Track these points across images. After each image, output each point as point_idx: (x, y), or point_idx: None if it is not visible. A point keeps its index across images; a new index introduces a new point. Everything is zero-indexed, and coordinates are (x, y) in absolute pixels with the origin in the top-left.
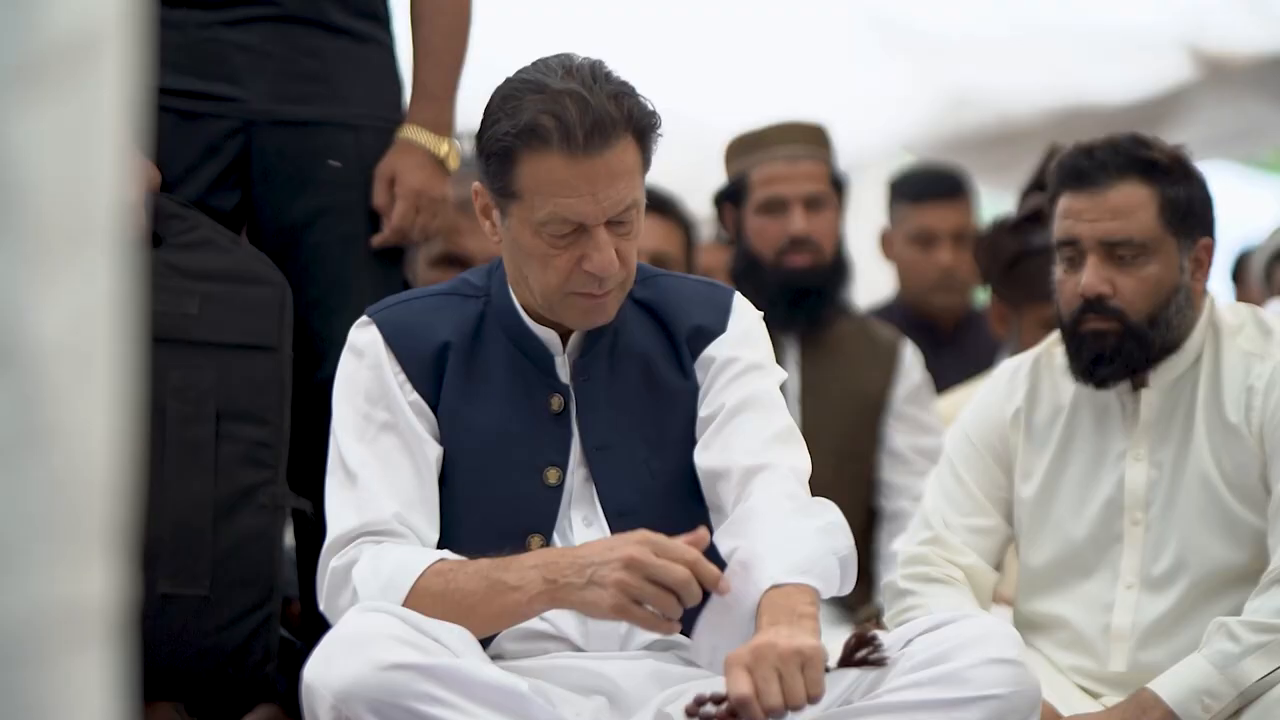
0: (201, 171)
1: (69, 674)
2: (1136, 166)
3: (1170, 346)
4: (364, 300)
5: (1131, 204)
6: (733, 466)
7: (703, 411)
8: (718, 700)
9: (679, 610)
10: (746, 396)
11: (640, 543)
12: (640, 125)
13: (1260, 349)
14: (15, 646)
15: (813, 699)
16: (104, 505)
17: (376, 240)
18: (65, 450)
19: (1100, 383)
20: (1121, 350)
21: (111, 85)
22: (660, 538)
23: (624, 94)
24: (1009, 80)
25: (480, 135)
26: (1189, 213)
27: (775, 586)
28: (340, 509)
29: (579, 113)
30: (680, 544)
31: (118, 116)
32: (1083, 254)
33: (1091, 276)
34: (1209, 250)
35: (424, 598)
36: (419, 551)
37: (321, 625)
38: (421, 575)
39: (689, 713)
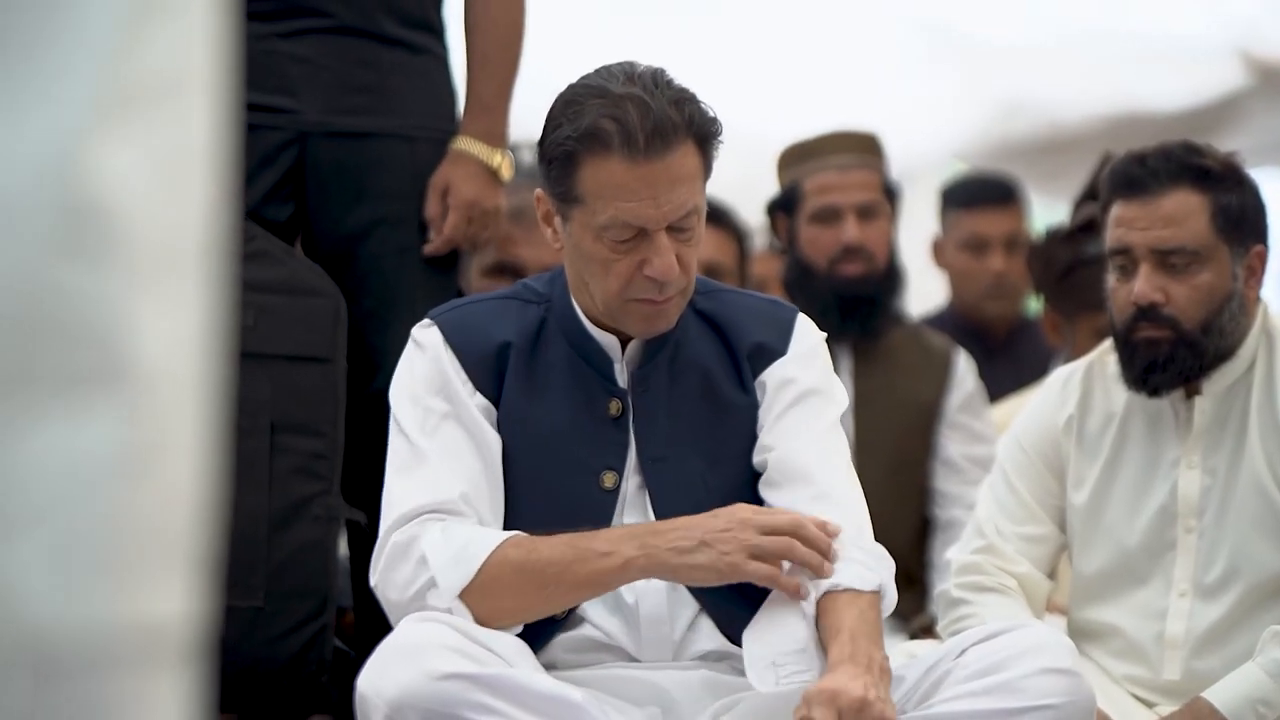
0: (256, 183)
1: (147, 690)
2: (1189, 174)
3: (1223, 354)
4: (418, 311)
5: (1184, 212)
6: None
7: (762, 437)
8: None
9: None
10: (803, 448)
11: (742, 508)
12: (701, 131)
13: None
14: (101, 656)
15: None
16: (196, 526)
17: (428, 249)
18: (168, 470)
19: (1153, 391)
20: (1174, 358)
21: (200, 119)
22: (758, 508)
23: (685, 100)
24: (1060, 88)
25: (542, 140)
26: (1242, 220)
27: (836, 590)
28: (404, 490)
29: (640, 117)
30: (780, 510)
31: (207, 148)
32: (1135, 262)
33: (1144, 285)
34: (1262, 257)
35: (502, 567)
36: (492, 529)
37: (376, 636)
38: (499, 546)
39: None
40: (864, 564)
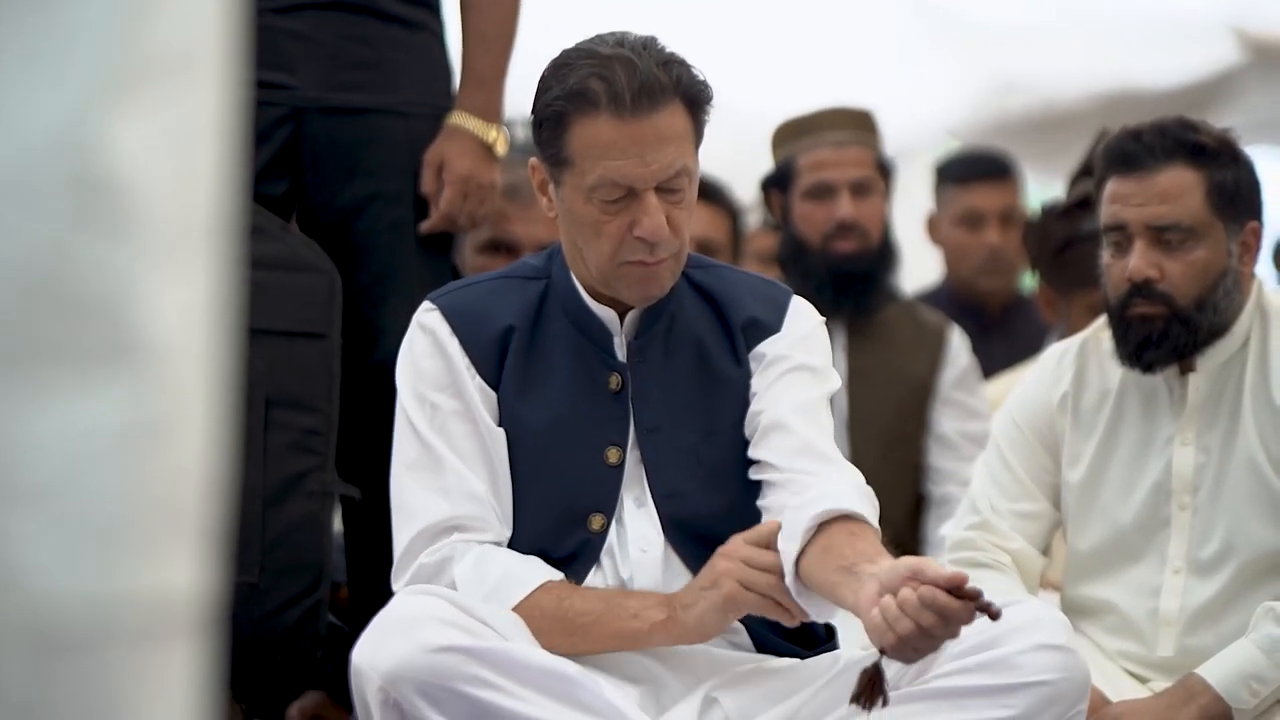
0: (251, 158)
1: (155, 665)
2: (1184, 150)
3: (1218, 330)
4: (413, 287)
5: (1179, 188)
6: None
7: (753, 406)
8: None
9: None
10: (788, 407)
11: (737, 541)
12: (689, 92)
13: None
14: (109, 630)
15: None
16: (204, 501)
17: (424, 227)
18: (178, 444)
19: (1147, 367)
20: (1169, 334)
21: (210, 94)
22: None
23: (674, 62)
24: (1055, 66)
25: (534, 104)
26: (1236, 196)
27: (834, 520)
28: (424, 497)
29: (627, 76)
30: (749, 533)
31: (218, 123)
32: (1130, 238)
33: (1139, 261)
34: (1256, 234)
35: (533, 611)
36: (525, 562)
37: (370, 611)
38: (534, 591)
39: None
40: (874, 510)
